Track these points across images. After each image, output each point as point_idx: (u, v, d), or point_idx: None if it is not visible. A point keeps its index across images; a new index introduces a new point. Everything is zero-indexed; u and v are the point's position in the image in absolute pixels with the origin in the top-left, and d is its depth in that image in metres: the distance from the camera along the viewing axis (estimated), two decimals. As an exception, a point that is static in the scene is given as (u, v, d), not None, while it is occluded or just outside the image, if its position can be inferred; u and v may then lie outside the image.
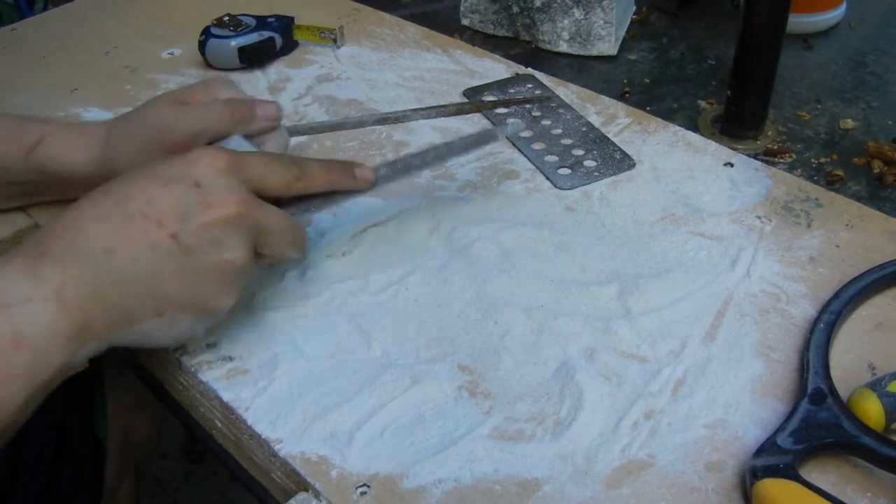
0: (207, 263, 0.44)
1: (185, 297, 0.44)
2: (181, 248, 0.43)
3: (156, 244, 0.42)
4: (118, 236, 0.42)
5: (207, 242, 0.43)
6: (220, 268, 0.44)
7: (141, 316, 0.43)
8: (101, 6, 0.93)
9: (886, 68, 0.81)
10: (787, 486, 0.39)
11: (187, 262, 0.43)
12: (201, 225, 0.43)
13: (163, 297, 0.43)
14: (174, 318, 0.44)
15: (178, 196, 0.43)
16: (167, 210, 0.43)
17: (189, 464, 1.44)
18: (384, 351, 0.50)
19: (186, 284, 0.44)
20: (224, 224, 0.44)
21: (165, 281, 0.43)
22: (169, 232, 0.43)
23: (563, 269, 0.55)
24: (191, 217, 0.43)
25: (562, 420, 0.45)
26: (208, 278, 0.44)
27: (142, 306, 0.43)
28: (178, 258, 0.43)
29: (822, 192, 0.60)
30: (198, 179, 0.44)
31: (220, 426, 0.49)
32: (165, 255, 0.43)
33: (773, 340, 0.49)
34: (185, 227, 0.43)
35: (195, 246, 0.43)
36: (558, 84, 0.74)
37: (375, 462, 0.43)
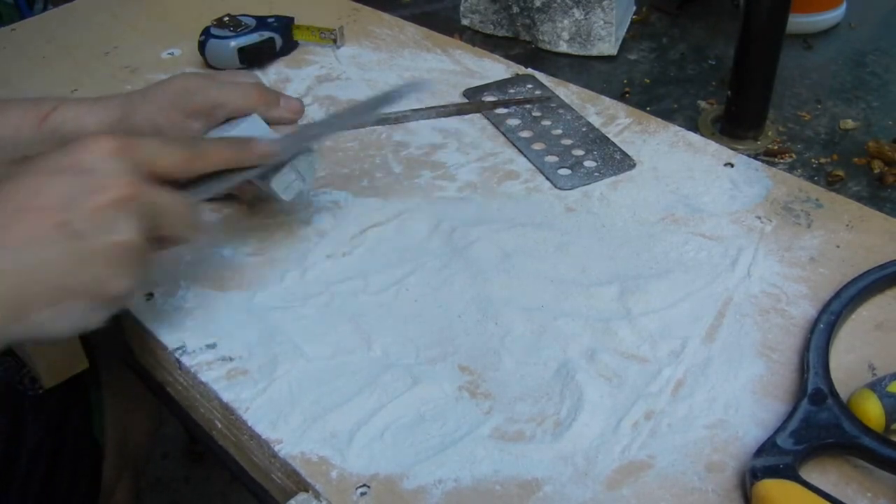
0: (97, 247, 0.43)
1: (77, 284, 0.43)
2: (70, 234, 0.42)
3: (43, 233, 0.42)
4: (5, 231, 0.41)
5: (96, 226, 0.42)
6: (112, 250, 0.43)
7: (33, 307, 0.42)
8: (101, 6, 0.93)
9: (886, 68, 0.81)
10: (787, 487, 0.39)
11: (76, 247, 0.42)
12: (89, 209, 0.42)
13: (54, 286, 0.42)
14: (68, 306, 0.43)
15: (64, 184, 0.43)
16: (54, 199, 0.42)
17: (189, 464, 1.44)
18: (384, 351, 0.50)
19: (77, 270, 0.42)
20: (113, 206, 0.43)
21: (55, 269, 0.42)
22: (57, 220, 0.42)
23: (564, 269, 0.55)
24: (78, 203, 0.42)
25: (562, 420, 0.45)
26: (99, 262, 0.43)
27: (33, 297, 0.42)
28: (66, 245, 0.42)
29: (823, 192, 0.60)
30: (85, 166, 0.43)
31: (220, 426, 0.49)
32: (53, 244, 0.42)
33: (774, 341, 0.49)
34: (73, 214, 0.42)
35: (84, 230, 0.42)
36: (558, 84, 0.74)
37: (375, 462, 0.43)
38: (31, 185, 0.43)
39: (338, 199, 0.62)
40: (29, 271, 0.41)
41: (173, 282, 0.55)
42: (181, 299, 0.54)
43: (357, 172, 0.65)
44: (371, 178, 0.64)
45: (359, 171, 0.65)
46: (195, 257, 0.57)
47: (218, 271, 0.56)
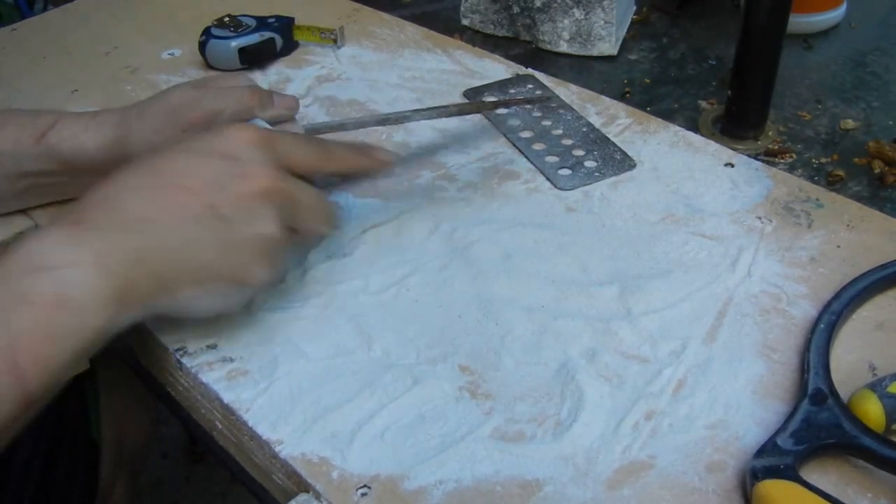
0: (243, 234, 0.44)
1: (222, 267, 0.45)
2: (217, 218, 0.44)
3: (193, 213, 0.44)
4: (156, 206, 0.43)
5: (242, 213, 0.44)
6: (254, 240, 0.45)
7: (179, 284, 0.44)
8: (101, 6, 0.93)
9: (887, 68, 0.81)
10: (787, 487, 0.39)
11: (223, 231, 0.44)
12: (236, 195, 0.44)
13: (200, 266, 0.44)
14: (211, 287, 0.45)
15: (213, 167, 0.44)
16: (203, 180, 0.44)
17: (189, 464, 1.44)
18: (385, 351, 0.50)
19: (223, 254, 0.44)
20: (258, 196, 0.45)
21: (202, 250, 0.44)
22: (205, 202, 0.44)
23: (564, 269, 0.55)
24: (226, 188, 0.44)
25: (562, 421, 0.45)
26: (244, 249, 0.45)
27: (180, 274, 0.44)
28: (214, 228, 0.44)
29: (823, 192, 0.60)
30: (232, 152, 0.45)
31: (220, 427, 0.49)
32: (203, 225, 0.44)
33: (774, 341, 0.49)
34: (221, 198, 0.44)
35: (230, 216, 0.44)
36: (558, 84, 0.74)
37: (376, 463, 0.43)
38: (180, 163, 0.45)
39: (338, 199, 0.62)
40: (179, 248, 0.44)
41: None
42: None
43: (357, 172, 0.65)
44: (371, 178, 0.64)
45: (359, 171, 0.65)
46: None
47: (218, 271, 0.56)
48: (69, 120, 0.57)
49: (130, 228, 0.43)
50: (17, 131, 0.56)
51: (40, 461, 0.70)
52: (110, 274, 0.42)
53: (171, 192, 0.44)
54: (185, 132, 0.55)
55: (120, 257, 0.42)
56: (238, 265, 0.45)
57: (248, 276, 0.46)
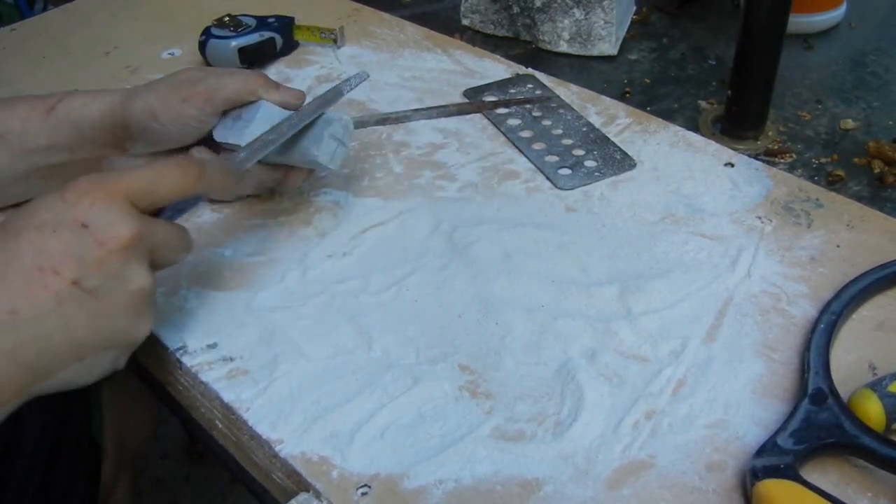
0: (116, 299, 0.43)
1: (102, 338, 0.43)
2: (85, 292, 0.42)
3: (59, 295, 0.41)
4: (19, 296, 0.41)
5: (109, 278, 0.42)
6: (128, 300, 0.43)
7: (60, 366, 0.42)
8: (101, 6, 0.93)
9: (886, 68, 0.81)
10: (787, 487, 0.39)
11: (95, 303, 0.42)
12: (98, 262, 0.42)
13: (79, 343, 0.42)
14: (94, 358, 0.43)
15: (67, 241, 0.42)
16: (61, 258, 0.41)
17: (189, 464, 1.44)
18: (385, 351, 0.50)
19: (99, 325, 0.42)
20: (120, 254, 0.42)
21: (78, 327, 0.42)
22: (69, 279, 0.41)
23: (564, 269, 0.55)
24: (86, 259, 0.42)
25: (562, 420, 0.45)
26: (120, 313, 0.43)
27: (59, 357, 0.42)
28: (84, 303, 0.42)
29: (823, 192, 0.61)
30: (82, 219, 0.42)
31: (220, 426, 0.49)
32: (72, 304, 0.41)
33: (774, 341, 0.49)
34: (84, 271, 0.41)
35: (99, 285, 0.42)
36: (558, 84, 0.74)
37: (376, 462, 0.43)
38: (32, 244, 0.42)
39: (338, 199, 0.62)
40: (50, 336, 0.41)
41: (173, 282, 0.55)
42: (182, 299, 0.54)
43: (357, 172, 0.65)
44: (371, 178, 0.64)
45: (359, 171, 0.65)
46: (195, 258, 0.57)
47: (218, 271, 0.56)
48: (79, 93, 0.58)
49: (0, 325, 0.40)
50: (27, 109, 0.57)
51: (42, 460, 0.70)
52: None
53: (31, 278, 0.41)
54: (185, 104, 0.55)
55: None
56: (118, 330, 0.43)
57: (130, 336, 0.44)
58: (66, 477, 0.73)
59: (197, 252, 0.57)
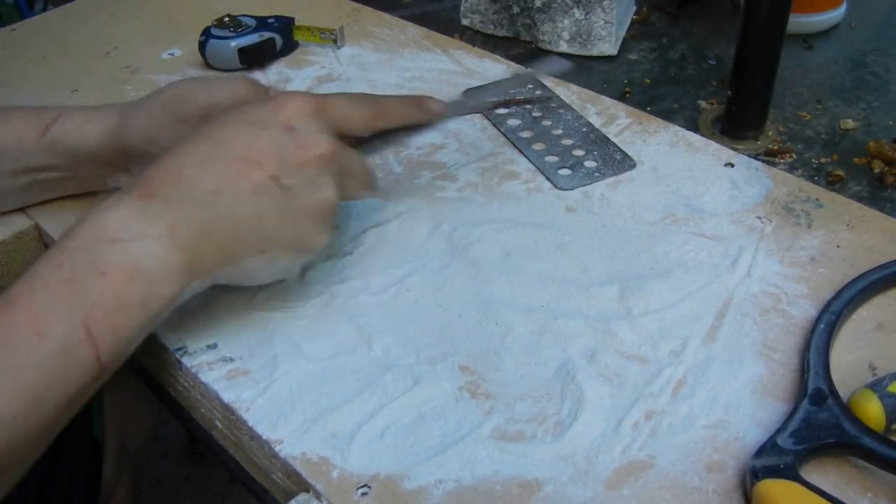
0: (305, 203, 0.46)
1: (286, 236, 0.47)
2: (281, 189, 0.45)
3: (258, 185, 0.45)
4: (222, 179, 0.45)
5: (304, 182, 0.46)
6: (316, 207, 0.47)
7: (245, 253, 0.46)
8: (101, 6, 0.93)
9: (887, 68, 0.81)
10: (787, 487, 0.39)
11: (287, 201, 0.46)
12: (297, 165, 0.46)
13: (266, 236, 0.46)
14: (275, 255, 0.47)
15: (273, 139, 0.46)
16: (265, 152, 0.45)
17: (189, 464, 1.44)
18: (385, 351, 0.50)
19: (287, 223, 0.46)
20: (318, 164, 0.46)
21: (268, 220, 0.46)
22: (269, 173, 0.45)
23: (564, 269, 0.55)
24: (287, 158, 0.45)
25: (562, 421, 0.45)
26: (306, 216, 0.47)
27: (247, 244, 0.46)
28: (279, 198, 0.45)
29: (823, 192, 0.60)
30: (290, 123, 0.46)
31: (220, 427, 0.49)
32: (268, 196, 0.45)
33: (774, 341, 0.49)
34: (283, 168, 0.45)
35: (293, 186, 0.46)
36: (558, 84, 0.74)
37: (376, 463, 0.43)
38: (242, 135, 0.46)
39: (338, 199, 0.62)
40: (245, 220, 0.45)
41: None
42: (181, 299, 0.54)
43: (357, 172, 0.65)
44: (371, 178, 0.64)
45: (359, 171, 0.65)
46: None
47: (218, 271, 0.56)
48: (73, 112, 0.58)
49: (198, 201, 0.44)
50: (22, 126, 0.57)
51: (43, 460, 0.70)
52: (180, 245, 0.44)
53: (235, 165, 0.45)
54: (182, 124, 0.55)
55: (189, 229, 0.44)
56: (301, 232, 0.47)
57: (311, 241, 0.48)
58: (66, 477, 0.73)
59: None
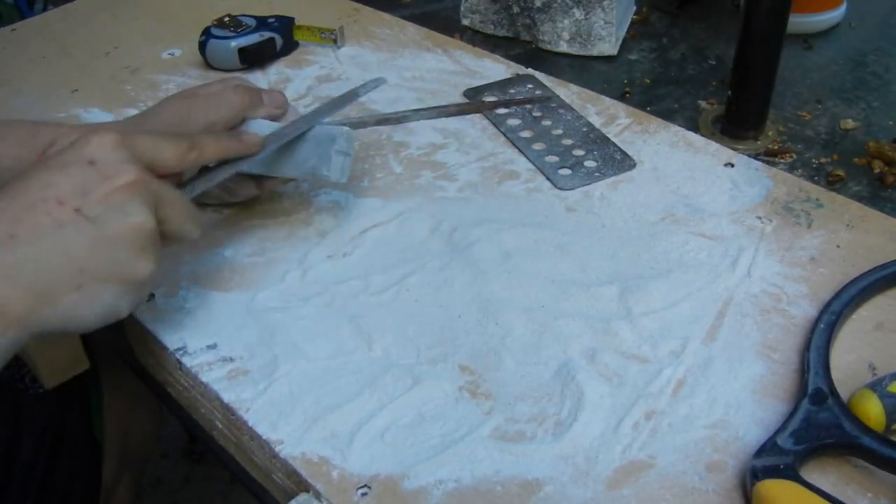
0: (116, 230, 0.44)
1: (102, 266, 0.44)
2: (87, 220, 0.43)
3: (60, 220, 0.43)
4: (20, 222, 0.42)
5: (112, 210, 0.44)
6: (128, 233, 0.44)
7: (59, 292, 0.43)
8: (102, 6, 0.93)
9: (887, 68, 0.81)
10: (787, 487, 0.39)
11: (95, 230, 0.43)
12: (102, 195, 0.44)
13: (78, 269, 0.43)
14: (95, 290, 0.44)
15: (75, 175, 0.44)
16: (66, 190, 0.43)
17: (189, 464, 1.44)
18: (385, 352, 0.50)
19: (100, 253, 0.43)
20: (124, 191, 0.44)
21: (77, 252, 0.43)
22: (72, 207, 0.43)
23: (564, 269, 0.55)
24: (90, 190, 0.44)
25: (562, 421, 0.45)
26: (119, 244, 0.44)
27: (58, 282, 0.43)
28: (85, 229, 0.43)
29: (823, 192, 0.60)
30: (91, 158, 0.45)
31: (220, 427, 0.49)
32: (72, 229, 0.43)
33: (774, 341, 0.49)
34: (87, 200, 0.43)
35: (100, 215, 0.43)
36: (558, 84, 0.74)
37: (376, 463, 0.43)
38: (41, 178, 0.44)
39: (338, 199, 0.62)
40: (48, 258, 0.42)
41: (173, 283, 0.55)
42: (182, 300, 0.54)
43: (357, 172, 0.65)
44: (371, 178, 0.64)
45: (359, 171, 0.65)
46: (195, 258, 0.57)
47: (218, 271, 0.56)
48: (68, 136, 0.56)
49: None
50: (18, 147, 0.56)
51: (43, 461, 0.70)
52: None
53: (34, 208, 0.43)
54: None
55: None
56: (117, 261, 0.44)
57: (132, 271, 0.45)
58: (67, 477, 0.73)
59: (197, 252, 0.57)
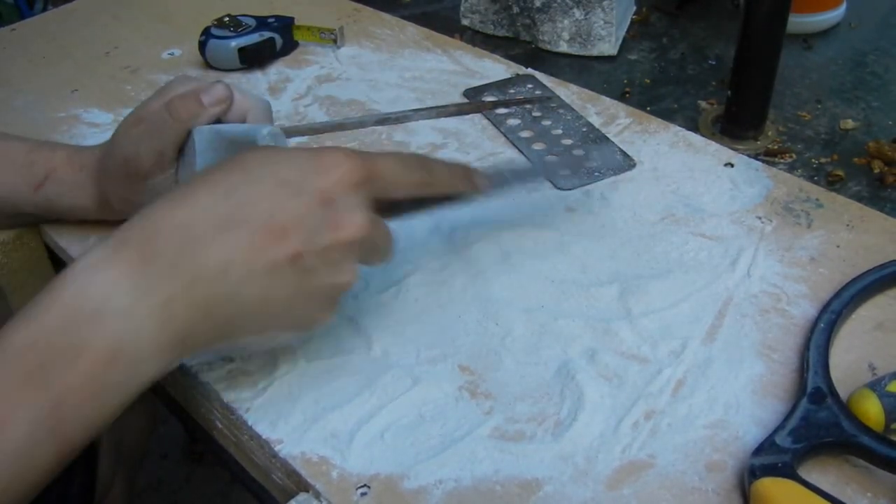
0: (320, 285, 0.41)
1: (291, 318, 0.42)
2: (299, 269, 0.40)
3: (275, 263, 0.39)
4: (237, 251, 0.39)
5: (326, 264, 0.41)
6: (329, 290, 0.42)
7: (242, 333, 0.41)
8: (102, 6, 0.93)
9: (886, 68, 0.81)
10: (785, 486, 0.39)
11: (302, 283, 0.41)
12: (325, 247, 0.41)
13: (269, 318, 0.41)
14: (274, 335, 0.43)
15: (305, 210, 0.40)
16: (293, 223, 0.40)
17: (189, 464, 1.44)
18: (384, 351, 0.50)
19: (295, 305, 0.41)
20: (346, 247, 0.41)
21: (275, 303, 0.41)
22: (291, 251, 0.40)
23: (564, 269, 0.55)
24: (315, 236, 0.40)
25: (562, 420, 0.45)
26: (316, 299, 0.42)
27: (247, 325, 0.41)
28: (293, 280, 0.40)
29: (823, 192, 0.61)
30: (328, 194, 0.41)
31: (220, 427, 0.49)
32: (282, 277, 0.40)
33: (774, 341, 0.49)
34: (308, 248, 0.40)
35: (313, 266, 0.41)
36: (558, 84, 0.74)
37: (376, 463, 0.43)
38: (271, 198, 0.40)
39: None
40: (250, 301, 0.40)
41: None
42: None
43: (357, 172, 0.65)
44: (371, 178, 0.64)
45: (359, 171, 0.65)
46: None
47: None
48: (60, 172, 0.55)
49: (204, 275, 0.39)
50: (13, 177, 0.55)
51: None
52: (173, 321, 0.38)
53: (256, 235, 0.39)
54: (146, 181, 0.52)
55: (186, 308, 0.38)
56: (307, 315, 0.43)
57: (314, 322, 0.43)
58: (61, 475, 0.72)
59: None
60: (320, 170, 0.41)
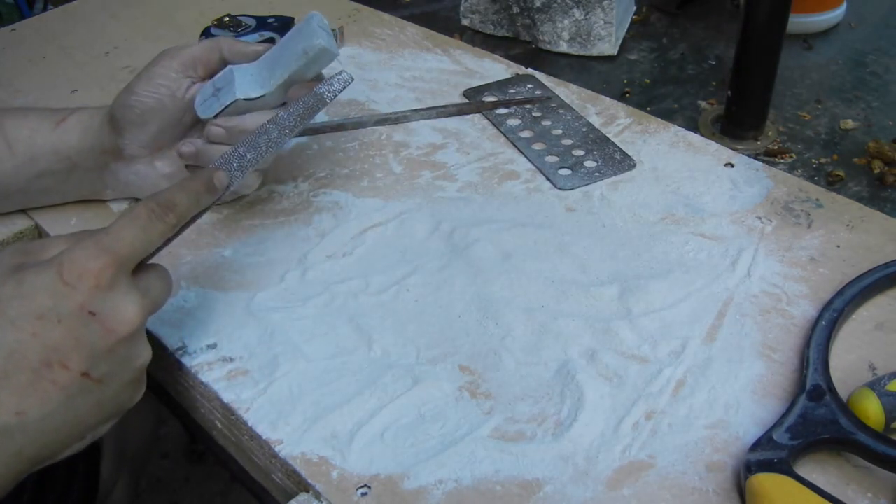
0: (123, 380, 0.43)
1: (105, 418, 0.43)
2: (95, 381, 0.41)
3: (68, 387, 0.40)
4: (27, 395, 0.39)
5: (116, 362, 0.42)
6: (134, 376, 0.43)
7: (63, 450, 0.42)
8: (101, 6, 0.93)
9: (886, 68, 0.81)
10: (779, 481, 0.39)
11: (102, 390, 0.42)
12: (107, 350, 0.41)
13: (83, 429, 0.42)
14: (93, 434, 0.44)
15: (75, 331, 0.40)
16: (69, 350, 0.40)
17: (189, 464, 1.44)
18: (385, 352, 0.50)
19: (106, 407, 0.43)
20: (130, 339, 0.42)
21: (86, 415, 0.42)
22: (78, 372, 0.40)
23: (564, 269, 0.55)
24: (96, 349, 0.41)
25: (562, 421, 0.45)
26: (124, 391, 0.43)
27: (63, 445, 0.42)
28: (93, 392, 0.41)
29: (823, 192, 0.61)
30: (89, 307, 0.40)
31: (220, 427, 0.49)
32: (81, 395, 0.41)
33: (774, 341, 0.49)
34: (93, 361, 0.41)
35: (107, 373, 0.42)
36: (558, 84, 0.74)
37: (376, 463, 0.43)
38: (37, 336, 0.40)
39: (338, 199, 0.62)
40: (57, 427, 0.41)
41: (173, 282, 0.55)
42: (181, 299, 0.54)
43: (357, 172, 0.65)
44: (371, 178, 0.64)
45: (359, 171, 0.65)
46: (195, 257, 0.57)
47: (218, 271, 0.56)
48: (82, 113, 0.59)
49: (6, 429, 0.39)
50: (38, 120, 0.58)
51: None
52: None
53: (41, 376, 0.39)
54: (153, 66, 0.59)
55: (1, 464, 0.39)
56: (120, 405, 0.44)
57: (129, 405, 0.44)
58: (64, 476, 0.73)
59: (197, 252, 0.57)
60: (70, 284, 0.40)
